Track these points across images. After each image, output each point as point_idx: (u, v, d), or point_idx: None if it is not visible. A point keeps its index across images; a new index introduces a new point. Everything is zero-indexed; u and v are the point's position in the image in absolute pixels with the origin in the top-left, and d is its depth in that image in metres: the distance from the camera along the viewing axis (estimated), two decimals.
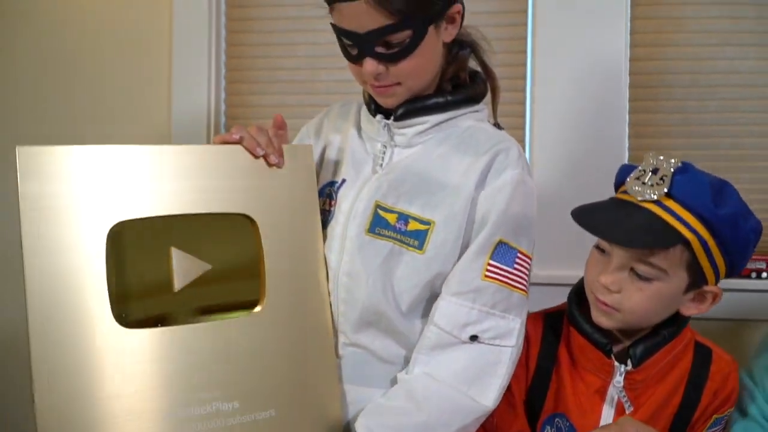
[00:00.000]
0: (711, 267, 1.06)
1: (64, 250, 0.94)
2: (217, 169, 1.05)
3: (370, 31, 1.03)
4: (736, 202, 1.07)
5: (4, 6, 2.08)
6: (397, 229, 1.09)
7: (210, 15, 1.98)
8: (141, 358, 0.97)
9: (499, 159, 1.11)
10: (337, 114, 1.28)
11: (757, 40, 1.83)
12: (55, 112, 2.06)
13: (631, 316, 1.08)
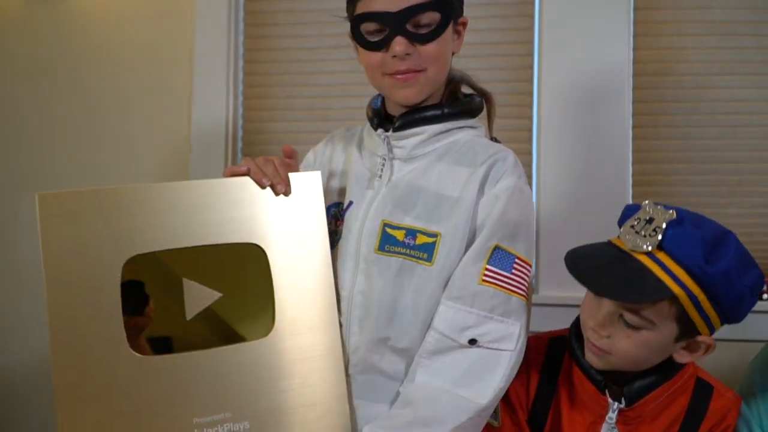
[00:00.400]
0: (702, 319, 1.03)
1: (83, 285, 1.00)
2: (227, 200, 1.08)
3: (405, 8, 1.08)
4: (733, 258, 1.03)
5: (33, 25, 2.16)
6: (406, 245, 1.11)
7: (229, 44, 2.05)
8: (155, 382, 1.01)
9: (496, 168, 1.13)
10: (341, 137, 1.32)
11: (756, 69, 1.87)
12: (80, 130, 2.13)
13: (622, 361, 1.07)
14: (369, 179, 1.19)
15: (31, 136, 2.17)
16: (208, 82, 2.05)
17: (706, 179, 1.88)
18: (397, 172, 1.17)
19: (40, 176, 2.15)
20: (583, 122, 1.88)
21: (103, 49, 2.12)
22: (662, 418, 1.11)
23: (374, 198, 1.17)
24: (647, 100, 1.90)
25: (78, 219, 1.01)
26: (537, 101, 1.92)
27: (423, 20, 1.10)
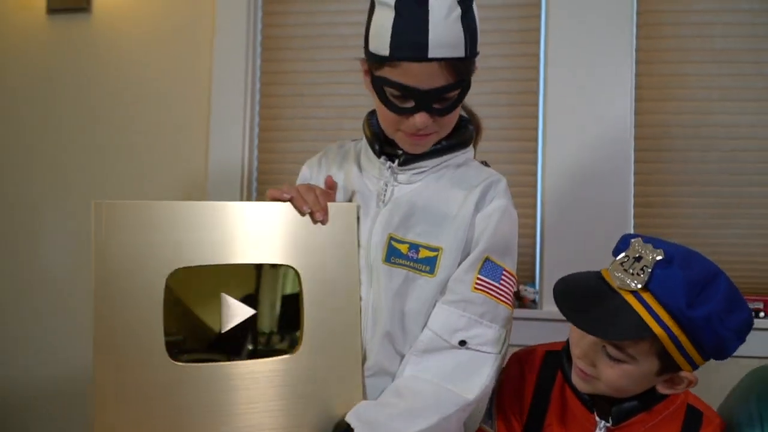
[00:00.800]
0: (683, 358, 1.04)
1: (128, 292, 1.06)
2: (267, 223, 1.14)
3: (434, 88, 1.12)
4: (718, 302, 1.02)
5: (52, 66, 2.24)
6: (409, 258, 1.19)
7: (246, 67, 2.12)
8: (188, 390, 1.07)
9: (491, 190, 1.22)
10: (336, 153, 1.37)
11: (756, 96, 1.92)
12: (103, 159, 2.20)
13: (607, 388, 1.09)
14: (374, 199, 1.25)
15: (49, 151, 2.25)
16: (226, 103, 2.12)
17: (706, 202, 1.93)
18: (398, 191, 1.25)
19: (57, 194, 2.23)
20: (586, 145, 1.94)
21: (121, 72, 2.21)
22: None
23: (378, 214, 1.23)
24: (649, 125, 1.95)
25: (129, 228, 1.06)
26: (543, 123, 1.98)
27: (446, 97, 1.15)
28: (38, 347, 2.21)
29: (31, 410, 2.21)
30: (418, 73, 1.11)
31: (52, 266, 2.21)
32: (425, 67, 1.10)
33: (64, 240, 2.20)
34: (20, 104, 2.26)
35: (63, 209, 2.22)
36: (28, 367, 2.22)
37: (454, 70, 1.12)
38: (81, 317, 2.14)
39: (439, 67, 1.10)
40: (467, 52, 1.12)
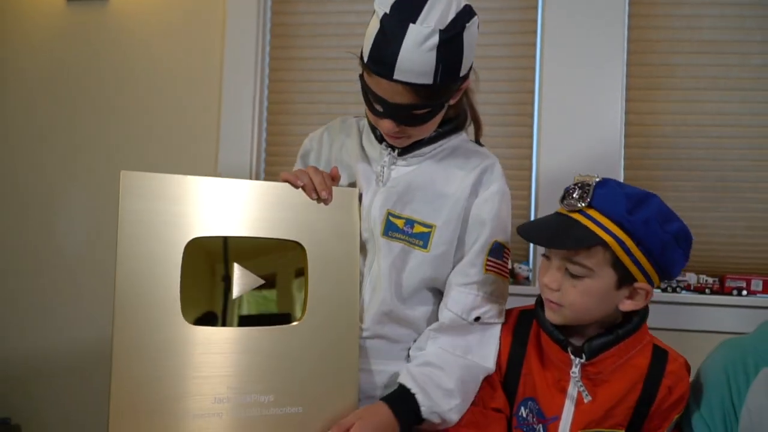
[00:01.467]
0: (634, 265, 1.14)
1: (149, 256, 1.14)
2: (278, 202, 1.23)
3: (399, 104, 1.18)
4: (654, 211, 1.15)
5: (70, 52, 2.32)
6: (405, 232, 1.28)
7: (256, 54, 2.20)
8: (201, 350, 1.15)
9: (487, 174, 1.31)
10: (339, 129, 1.44)
11: (741, 85, 1.99)
12: (117, 141, 2.29)
13: (572, 311, 1.19)
14: (375, 178, 1.33)
15: (67, 132, 2.33)
16: (237, 85, 2.20)
17: (693, 186, 2.01)
18: (396, 172, 1.33)
19: (76, 173, 2.31)
20: (579, 131, 2.01)
21: (137, 57, 2.28)
22: (626, 379, 1.21)
23: (377, 191, 1.32)
24: (639, 112, 2.02)
25: (152, 198, 1.14)
26: (538, 109, 2.05)
27: (414, 113, 1.20)
28: (55, 318, 2.30)
29: (50, 377, 2.30)
30: (385, 87, 1.17)
31: (67, 242, 2.30)
32: (391, 85, 1.16)
33: (79, 216, 2.29)
34: (38, 89, 2.33)
35: (79, 188, 2.30)
36: (46, 337, 2.31)
37: (418, 94, 1.16)
38: (96, 291, 2.24)
39: (404, 89, 1.15)
40: (436, 79, 1.15)
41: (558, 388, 1.25)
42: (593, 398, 1.22)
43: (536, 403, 1.27)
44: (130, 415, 1.09)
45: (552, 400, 1.25)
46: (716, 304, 1.92)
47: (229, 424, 1.15)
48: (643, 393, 1.21)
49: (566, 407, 1.24)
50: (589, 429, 1.23)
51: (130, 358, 1.11)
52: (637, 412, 1.22)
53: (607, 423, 1.22)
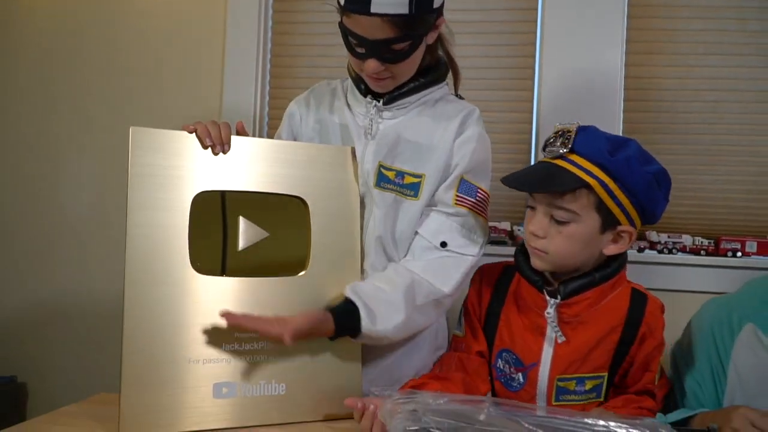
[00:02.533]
0: (617, 207, 1.16)
1: (158, 208, 1.15)
2: (281, 159, 1.26)
3: (378, 39, 1.21)
4: (634, 152, 1.16)
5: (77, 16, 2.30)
6: (396, 183, 1.32)
7: (259, 18, 2.18)
8: (210, 298, 1.17)
9: (467, 120, 1.35)
10: (325, 92, 1.47)
11: (738, 50, 1.98)
12: (123, 102, 2.28)
13: (558, 257, 1.19)
14: (363, 132, 1.37)
15: (71, 99, 2.31)
16: (239, 50, 2.19)
17: (689, 149, 2.01)
18: (383, 125, 1.36)
19: (82, 139, 2.30)
20: (578, 93, 2.00)
21: (142, 23, 2.27)
22: (604, 321, 1.23)
23: (367, 145, 1.35)
24: (638, 76, 2.02)
25: (161, 153, 1.16)
26: (539, 72, 2.04)
27: (394, 48, 1.23)
28: (61, 277, 2.31)
29: (56, 335, 2.32)
30: (364, 24, 1.20)
31: (74, 201, 2.30)
32: (369, 20, 1.18)
33: (86, 173, 2.29)
34: (44, 47, 2.32)
35: (84, 146, 2.30)
36: (51, 295, 2.31)
37: (396, 26, 1.18)
38: (101, 249, 2.25)
39: (382, 22, 1.18)
40: (411, 9, 1.18)
41: (536, 332, 1.26)
42: (572, 341, 1.22)
43: (512, 353, 1.28)
44: (143, 360, 1.11)
45: (530, 346, 1.26)
46: (711, 266, 1.93)
47: (237, 369, 1.17)
48: (624, 335, 1.23)
49: (545, 351, 1.25)
50: (569, 373, 1.23)
51: (142, 307, 1.13)
52: (618, 354, 1.23)
53: (587, 366, 1.24)
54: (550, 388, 1.24)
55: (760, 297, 1.25)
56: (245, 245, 1.24)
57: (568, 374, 1.23)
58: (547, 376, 1.24)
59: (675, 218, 2.00)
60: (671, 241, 1.97)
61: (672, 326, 1.36)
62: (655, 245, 1.97)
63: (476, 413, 0.94)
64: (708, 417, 1.15)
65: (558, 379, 1.23)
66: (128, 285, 1.12)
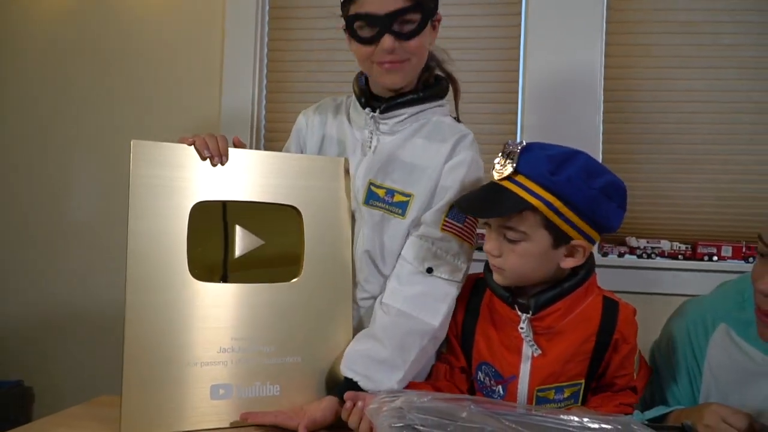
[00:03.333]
0: (566, 224, 1.13)
1: (158, 217, 1.18)
2: (276, 170, 1.28)
3: (391, 12, 1.23)
4: (578, 168, 1.13)
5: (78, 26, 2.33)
6: (386, 201, 1.32)
7: (255, 34, 2.21)
8: (207, 304, 1.19)
9: (460, 144, 1.33)
10: (330, 107, 1.48)
11: (712, 63, 2.02)
12: (126, 113, 2.31)
13: (514, 274, 1.19)
14: (360, 148, 1.37)
15: (76, 109, 2.34)
16: (237, 68, 2.22)
17: (665, 158, 2.04)
18: (381, 142, 1.36)
19: (86, 149, 2.33)
20: (560, 108, 2.04)
21: (142, 35, 2.30)
22: (578, 331, 1.21)
23: (362, 161, 1.36)
24: (616, 89, 2.05)
25: (160, 165, 1.19)
26: (522, 87, 2.08)
27: (406, 19, 1.25)
28: (67, 283, 2.33)
29: (62, 340, 2.34)
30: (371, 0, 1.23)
31: (79, 209, 2.33)
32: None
33: (89, 183, 2.32)
34: (47, 62, 2.35)
35: (86, 155, 2.33)
36: (57, 301, 2.34)
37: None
38: (105, 257, 2.27)
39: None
40: None
41: (512, 348, 1.24)
42: (548, 353, 1.22)
43: (491, 366, 1.26)
44: (143, 363, 1.13)
45: (508, 360, 1.24)
46: (689, 269, 1.96)
47: (234, 372, 1.19)
48: (598, 343, 1.22)
49: (522, 365, 1.23)
50: (548, 384, 1.23)
51: (142, 312, 1.15)
52: (593, 361, 1.23)
53: (565, 376, 1.23)
54: (530, 399, 1.24)
55: (732, 298, 1.26)
56: (242, 252, 1.27)
57: (547, 385, 1.23)
58: (527, 388, 1.23)
59: (653, 224, 2.04)
60: (650, 246, 2.00)
61: (652, 327, 1.38)
62: (635, 250, 2.01)
63: (458, 411, 0.96)
64: (683, 414, 1.17)
65: (537, 390, 1.23)
66: (129, 291, 1.14)
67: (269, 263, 1.28)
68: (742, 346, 1.19)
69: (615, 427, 0.91)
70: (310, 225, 1.29)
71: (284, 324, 1.24)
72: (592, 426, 0.93)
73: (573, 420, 0.93)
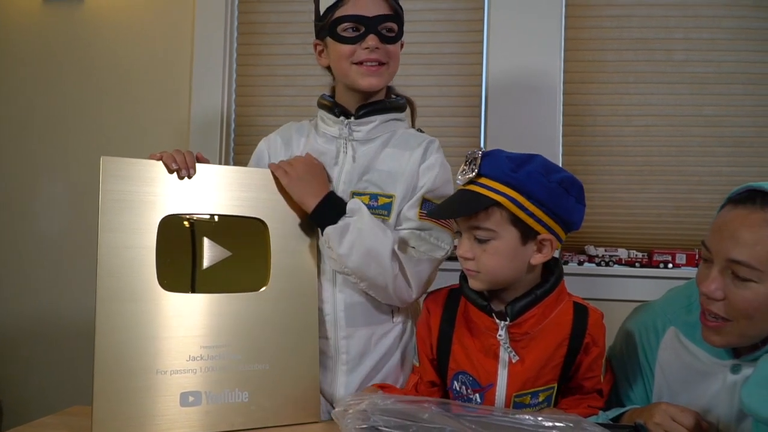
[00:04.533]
0: (531, 218, 1.17)
1: (127, 230, 1.20)
2: (242, 184, 1.32)
3: (377, 15, 1.36)
4: (538, 165, 1.18)
5: (48, 25, 2.33)
6: (371, 206, 1.38)
7: (224, 50, 2.24)
8: (176, 314, 1.22)
9: (429, 148, 1.44)
10: (292, 129, 1.53)
11: (665, 79, 2.10)
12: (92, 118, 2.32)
13: (489, 274, 1.21)
14: (335, 156, 1.44)
15: (46, 122, 2.35)
16: (206, 81, 2.24)
17: (623, 170, 2.11)
18: (357, 152, 1.43)
19: (55, 161, 2.33)
20: (522, 122, 2.10)
21: (112, 50, 2.32)
22: (551, 336, 1.24)
23: (341, 171, 1.42)
24: (575, 104, 2.12)
25: (130, 180, 1.22)
26: (485, 102, 2.14)
27: (388, 26, 1.38)
28: (35, 298, 2.33)
29: (32, 354, 2.33)
30: (362, 3, 1.36)
31: (47, 226, 2.33)
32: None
33: (59, 199, 2.32)
34: (18, 82, 2.35)
35: (58, 169, 2.33)
36: (27, 316, 2.33)
37: (389, 4, 1.38)
38: (75, 273, 2.27)
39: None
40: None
41: (490, 355, 1.26)
42: (525, 359, 1.24)
43: (468, 375, 1.28)
44: (113, 372, 1.16)
45: (485, 368, 1.26)
46: (645, 276, 2.03)
47: (203, 380, 1.22)
48: (570, 347, 1.25)
49: (500, 372, 1.25)
50: (525, 389, 1.25)
51: (112, 322, 1.17)
52: (566, 365, 1.26)
53: (541, 381, 1.25)
54: (507, 405, 1.26)
55: (680, 303, 1.31)
56: (210, 263, 1.30)
57: (524, 390, 1.26)
58: (504, 394, 1.25)
59: (611, 233, 2.10)
60: (608, 254, 2.06)
61: (610, 332, 1.39)
62: (594, 258, 2.07)
63: (420, 412, 1.00)
64: (635, 413, 1.21)
65: (515, 396, 1.25)
66: (99, 302, 1.16)
67: (237, 274, 1.31)
68: (689, 347, 1.24)
69: (567, 425, 0.96)
70: (275, 236, 1.32)
71: (252, 332, 1.27)
72: (546, 424, 0.97)
73: (528, 419, 0.98)
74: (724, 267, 1.08)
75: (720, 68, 2.08)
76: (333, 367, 1.40)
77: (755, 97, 2.07)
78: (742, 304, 1.06)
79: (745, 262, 1.04)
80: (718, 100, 2.08)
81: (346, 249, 1.31)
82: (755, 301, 1.05)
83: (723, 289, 1.08)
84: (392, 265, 1.33)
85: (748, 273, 1.05)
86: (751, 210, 1.07)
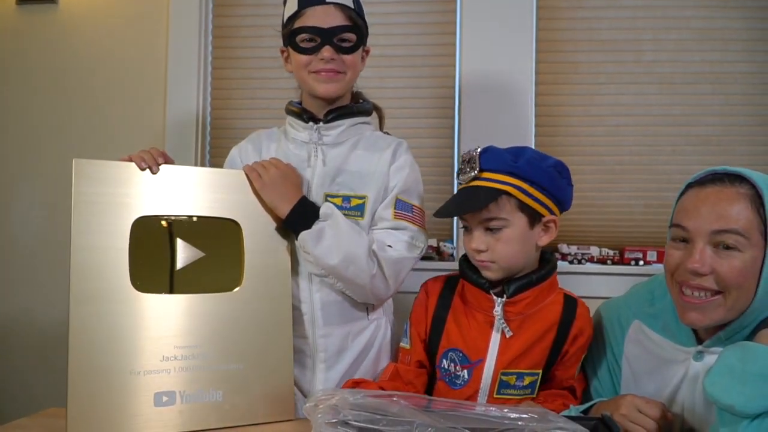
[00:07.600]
0: (535, 202, 1.28)
1: (100, 232, 1.22)
2: (216, 186, 1.34)
3: (333, 26, 1.39)
4: (531, 154, 1.30)
5: (23, 30, 2.33)
6: (344, 208, 1.43)
7: (199, 54, 2.25)
8: (151, 314, 1.24)
9: (399, 149, 1.49)
10: (261, 136, 1.57)
11: (635, 80, 2.14)
12: (65, 122, 2.31)
13: (504, 262, 1.30)
14: (306, 160, 1.47)
15: (20, 126, 2.34)
16: (181, 84, 2.25)
17: (594, 169, 2.15)
18: (327, 156, 1.46)
19: (30, 164, 2.33)
20: (494, 121, 2.13)
21: (87, 54, 2.32)
22: (542, 321, 1.33)
23: (313, 175, 1.45)
24: (547, 104, 2.16)
25: (102, 182, 1.24)
26: (458, 103, 2.17)
27: (344, 37, 1.41)
28: (11, 303, 2.33)
29: (8, 357, 2.33)
30: (319, 14, 1.38)
31: (22, 225, 2.32)
32: (323, 9, 1.39)
33: (32, 203, 2.32)
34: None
35: (32, 171, 2.33)
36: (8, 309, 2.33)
37: (345, 15, 1.40)
38: (49, 276, 2.28)
39: (335, 8, 1.39)
40: (355, 6, 1.43)
41: (485, 325, 1.34)
42: (517, 336, 1.32)
43: (459, 351, 1.36)
44: (88, 373, 1.18)
45: (477, 343, 1.34)
46: (617, 273, 2.07)
47: (177, 379, 1.24)
48: (558, 334, 1.34)
49: (491, 347, 1.33)
50: (512, 368, 1.33)
51: (86, 323, 1.19)
52: (552, 352, 1.34)
53: (527, 362, 1.33)
54: (494, 382, 1.33)
55: (643, 297, 1.36)
56: (183, 265, 1.31)
57: (511, 369, 1.33)
58: (492, 369, 1.33)
59: (583, 231, 2.14)
60: (580, 252, 2.10)
61: None
62: (566, 256, 2.11)
63: (389, 406, 1.03)
64: (603, 405, 1.25)
65: (501, 374, 1.32)
66: (73, 303, 1.18)
67: (211, 274, 1.33)
68: (653, 337, 1.29)
69: (531, 416, 0.99)
70: (249, 237, 1.35)
71: (226, 332, 1.29)
72: (512, 415, 1.00)
73: (493, 410, 1.01)
74: (707, 241, 1.11)
75: (688, 68, 2.13)
76: (312, 366, 1.44)
77: (722, 96, 2.12)
78: (731, 273, 1.10)
79: (733, 230, 1.09)
80: (686, 99, 2.13)
81: (322, 252, 1.35)
82: (744, 269, 1.09)
83: (710, 263, 1.11)
84: (369, 265, 1.38)
85: (734, 240, 1.09)
86: (721, 187, 1.12)
